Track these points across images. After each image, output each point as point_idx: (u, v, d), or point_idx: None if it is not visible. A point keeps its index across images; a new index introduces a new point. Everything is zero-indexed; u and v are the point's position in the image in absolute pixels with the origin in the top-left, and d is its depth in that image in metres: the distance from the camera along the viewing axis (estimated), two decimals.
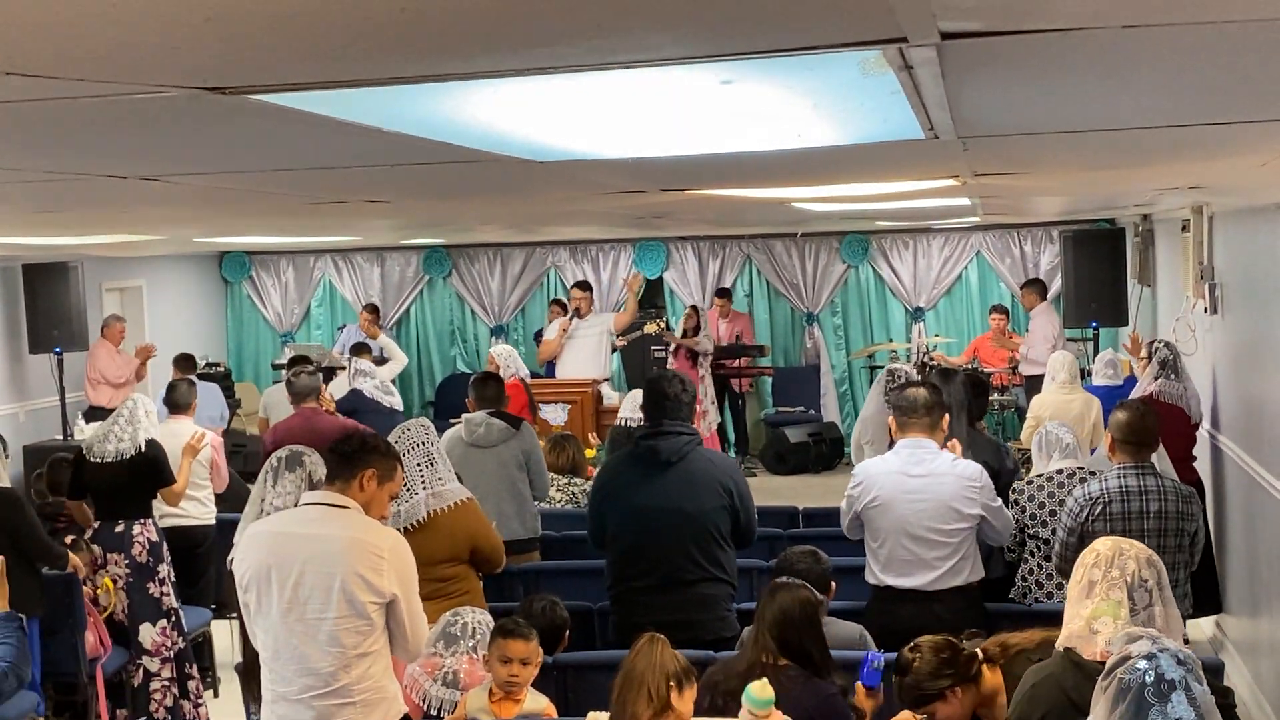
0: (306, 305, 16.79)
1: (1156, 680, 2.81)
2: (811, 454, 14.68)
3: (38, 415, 12.66)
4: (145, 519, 7.45)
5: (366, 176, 4.52)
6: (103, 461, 7.33)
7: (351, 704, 4.35)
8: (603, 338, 12.48)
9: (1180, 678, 2.82)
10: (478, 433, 7.34)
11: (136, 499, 7.44)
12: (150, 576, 7.36)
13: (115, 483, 7.35)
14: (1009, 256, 15.26)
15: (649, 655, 4.27)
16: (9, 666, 4.36)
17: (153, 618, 7.34)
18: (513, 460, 7.36)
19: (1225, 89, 2.84)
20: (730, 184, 5.77)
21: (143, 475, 7.43)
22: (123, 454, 7.35)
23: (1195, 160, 4.79)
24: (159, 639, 7.33)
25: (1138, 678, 2.83)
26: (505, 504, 7.25)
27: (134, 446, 7.37)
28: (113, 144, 3.26)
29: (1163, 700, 2.79)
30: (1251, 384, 7.46)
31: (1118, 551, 3.68)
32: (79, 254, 11.87)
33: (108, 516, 7.39)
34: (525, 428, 7.53)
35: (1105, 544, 3.76)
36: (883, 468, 5.85)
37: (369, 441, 4.63)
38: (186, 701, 7.47)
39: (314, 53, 2.05)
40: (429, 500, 5.74)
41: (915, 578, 5.70)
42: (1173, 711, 2.78)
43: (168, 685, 7.35)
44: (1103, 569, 3.66)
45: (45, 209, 5.58)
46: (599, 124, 3.26)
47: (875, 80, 2.52)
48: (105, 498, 7.39)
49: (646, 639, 4.34)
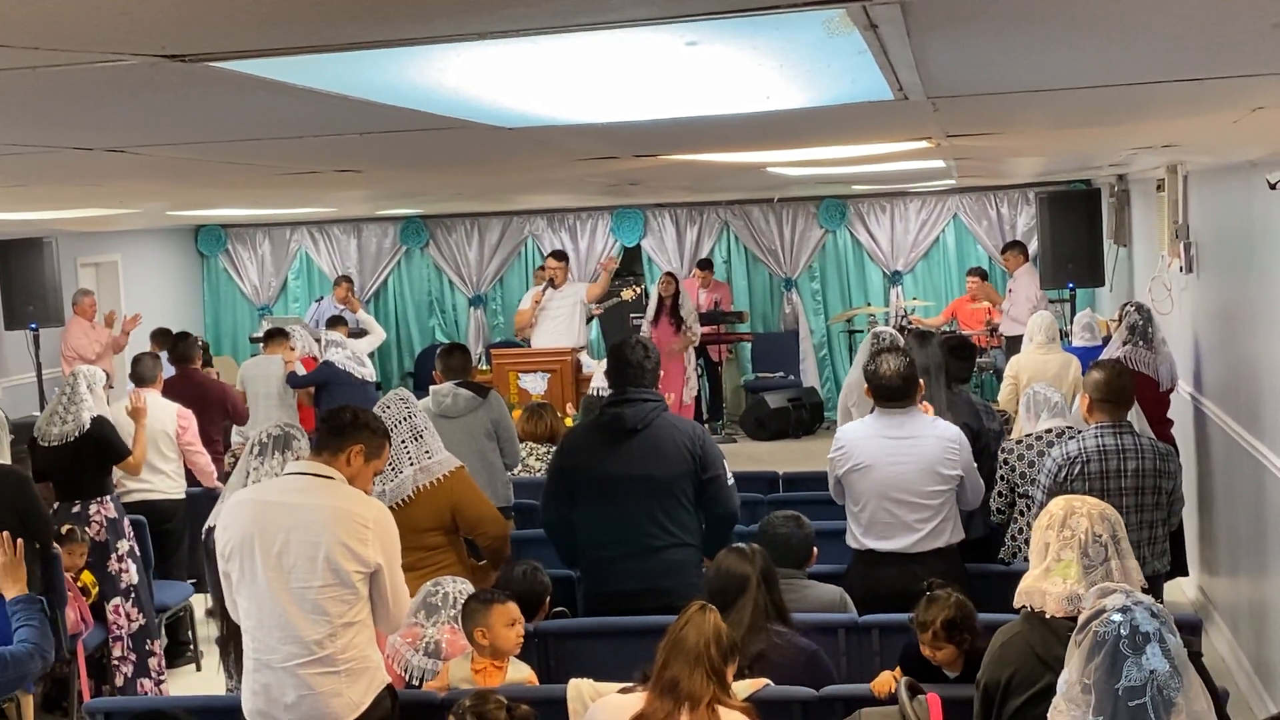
0: (283, 278, 16.72)
1: (1131, 633, 2.83)
2: (791, 419, 14.70)
3: (15, 392, 12.61)
4: (102, 496, 7.41)
5: (334, 145, 4.50)
6: (50, 445, 7.28)
7: (335, 673, 4.36)
8: (576, 308, 12.44)
9: (1155, 630, 2.84)
10: (445, 403, 7.32)
11: (90, 478, 7.38)
12: (108, 554, 7.32)
13: (65, 464, 7.30)
14: (985, 219, 15.27)
15: (700, 626, 3.94)
16: (34, 648, 4.37)
17: (109, 595, 7.30)
18: (481, 429, 7.33)
19: (1192, 44, 2.82)
20: (702, 148, 5.75)
21: (92, 454, 7.39)
22: (67, 436, 7.29)
23: (1167, 118, 4.78)
24: (112, 617, 7.29)
25: (1112, 630, 2.84)
26: (476, 474, 7.21)
27: (78, 428, 7.30)
28: (74, 115, 3.23)
29: (1137, 652, 2.81)
30: (1228, 344, 7.48)
31: (1069, 511, 3.73)
32: (53, 229, 11.80)
33: (65, 497, 7.35)
34: (493, 396, 7.52)
35: (1058, 504, 3.81)
36: (863, 432, 5.85)
37: (360, 417, 4.63)
38: (147, 679, 7.42)
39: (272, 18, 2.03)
40: (416, 476, 5.71)
41: (896, 540, 5.71)
42: (1147, 663, 2.80)
43: (117, 665, 7.31)
44: (1055, 530, 3.71)
45: (13, 183, 5.54)
46: (565, 89, 3.24)
47: (841, 40, 2.50)
48: (60, 481, 7.36)
49: (697, 608, 4.02)
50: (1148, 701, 2.78)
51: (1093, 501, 3.79)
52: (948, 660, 4.69)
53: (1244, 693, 6.90)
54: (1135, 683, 2.79)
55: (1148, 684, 2.79)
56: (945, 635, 4.65)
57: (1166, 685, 2.79)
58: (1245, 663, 7.13)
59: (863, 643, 5.40)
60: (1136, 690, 2.79)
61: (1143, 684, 2.79)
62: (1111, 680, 2.82)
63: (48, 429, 7.32)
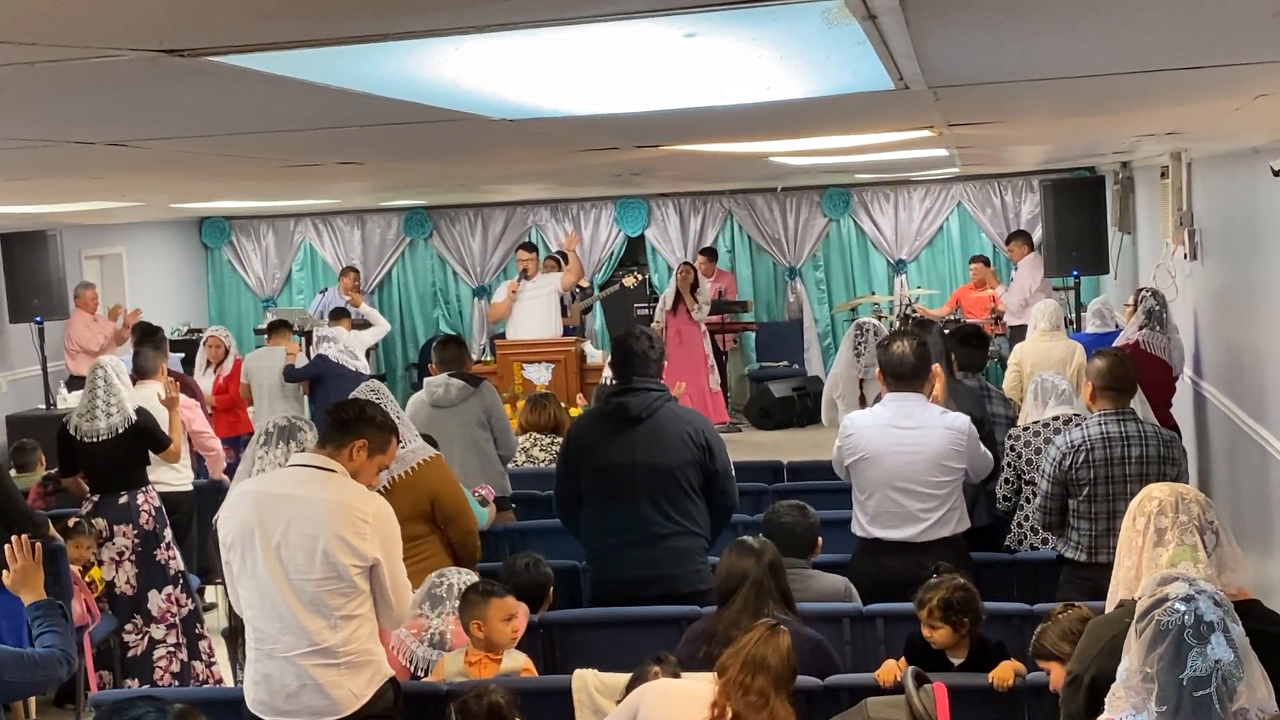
0: (288, 269, 16.71)
1: (1195, 622, 2.78)
2: (796, 408, 14.68)
3: (20, 385, 12.62)
4: (146, 487, 7.43)
5: (335, 138, 4.49)
6: (97, 441, 7.27)
7: (336, 665, 4.37)
8: (551, 298, 12.43)
9: (1219, 619, 2.80)
10: (438, 394, 7.38)
11: (135, 469, 7.40)
12: (157, 543, 7.36)
13: (113, 457, 7.28)
14: (989, 207, 15.25)
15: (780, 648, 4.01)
16: (61, 654, 4.35)
17: (160, 584, 7.33)
18: (474, 419, 7.38)
19: (1193, 33, 2.82)
20: (703, 139, 5.74)
21: (139, 445, 7.39)
22: (115, 429, 7.27)
23: (1169, 106, 4.77)
24: (164, 605, 7.32)
25: (1176, 620, 2.80)
26: (470, 463, 7.26)
27: (125, 420, 7.27)
28: (74, 110, 3.23)
29: (1202, 642, 2.77)
30: (1231, 329, 7.47)
31: (1179, 496, 3.60)
32: (57, 222, 11.80)
33: (108, 490, 7.34)
34: (485, 386, 7.56)
35: (1163, 489, 3.66)
36: (871, 420, 5.84)
37: (366, 411, 4.64)
38: (198, 662, 7.48)
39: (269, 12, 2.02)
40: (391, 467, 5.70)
41: (903, 530, 5.71)
42: (1212, 653, 2.76)
43: (174, 651, 7.33)
44: (1170, 515, 3.56)
45: (14, 177, 5.54)
46: (564, 81, 3.24)
47: (841, 31, 2.50)
48: (103, 474, 7.35)
49: (769, 628, 4.09)
50: (1213, 691, 2.75)
51: (1193, 490, 3.69)
52: (943, 641, 4.71)
53: None
54: (1200, 673, 2.75)
55: (1213, 674, 2.75)
56: (940, 615, 4.68)
57: (1231, 675, 2.75)
58: None
59: (867, 632, 5.40)
60: (1202, 680, 2.75)
61: (1208, 674, 2.75)
62: (1176, 670, 2.78)
63: (91, 424, 7.27)
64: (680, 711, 3.97)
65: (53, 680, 4.39)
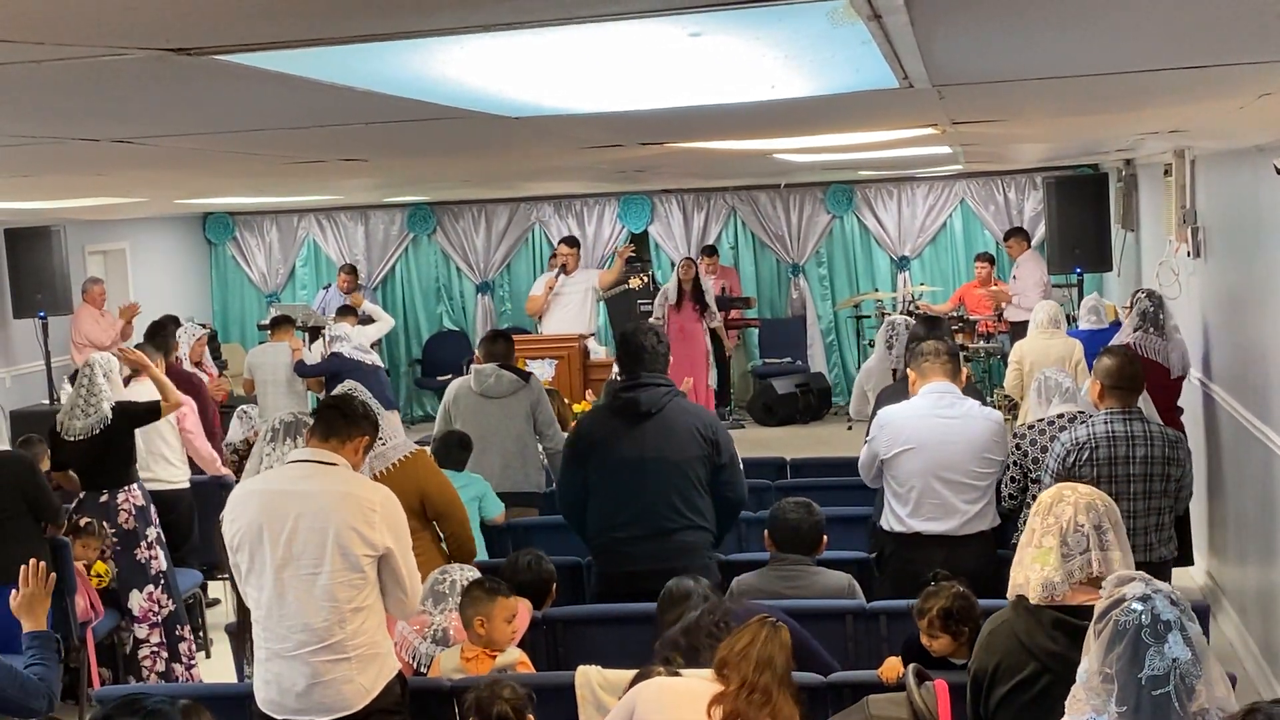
0: (291, 265, 16.70)
1: (1152, 621, 2.80)
2: (799, 405, 14.67)
3: (23, 380, 12.63)
4: (129, 485, 7.42)
5: (340, 135, 4.50)
6: (76, 439, 7.29)
7: (347, 659, 4.38)
8: (588, 294, 12.49)
9: (1175, 618, 2.81)
10: (487, 383, 7.46)
11: (115, 468, 7.38)
12: (136, 542, 7.34)
13: (92, 455, 7.30)
14: (993, 204, 15.23)
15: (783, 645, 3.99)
16: (45, 686, 4.37)
17: (140, 583, 7.32)
18: (521, 412, 7.54)
19: (1196, 32, 2.82)
20: (708, 136, 5.75)
21: (120, 443, 7.39)
22: (92, 429, 7.27)
23: (1172, 105, 4.78)
24: (145, 604, 7.31)
25: (1133, 619, 2.82)
26: (510, 455, 7.34)
27: (100, 420, 7.26)
28: (81, 107, 3.24)
29: (1159, 641, 2.79)
30: (1236, 329, 7.47)
31: (1057, 498, 3.70)
32: (61, 218, 11.81)
33: (89, 488, 7.37)
34: (534, 380, 7.72)
35: (1049, 492, 3.77)
36: (910, 412, 5.89)
37: (368, 411, 4.72)
38: (178, 664, 7.45)
39: (276, 11, 2.03)
40: (373, 464, 5.68)
41: (944, 522, 5.80)
42: (1169, 651, 2.78)
43: (157, 651, 7.33)
44: (1040, 516, 3.69)
45: (20, 173, 5.55)
46: (569, 79, 3.24)
47: (846, 30, 2.51)
48: (84, 472, 7.37)
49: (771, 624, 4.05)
50: (1171, 690, 2.76)
51: (1084, 490, 3.74)
52: (944, 650, 4.71)
53: (1251, 677, 6.91)
54: (1158, 672, 2.77)
55: (1170, 672, 2.77)
56: (941, 625, 4.68)
57: (1189, 673, 2.77)
58: (1253, 646, 7.13)
59: (870, 629, 5.41)
60: (1160, 679, 2.77)
61: (1166, 673, 2.77)
62: (1134, 669, 2.80)
63: (70, 423, 7.30)
64: (676, 710, 3.97)
65: (29, 709, 4.39)
